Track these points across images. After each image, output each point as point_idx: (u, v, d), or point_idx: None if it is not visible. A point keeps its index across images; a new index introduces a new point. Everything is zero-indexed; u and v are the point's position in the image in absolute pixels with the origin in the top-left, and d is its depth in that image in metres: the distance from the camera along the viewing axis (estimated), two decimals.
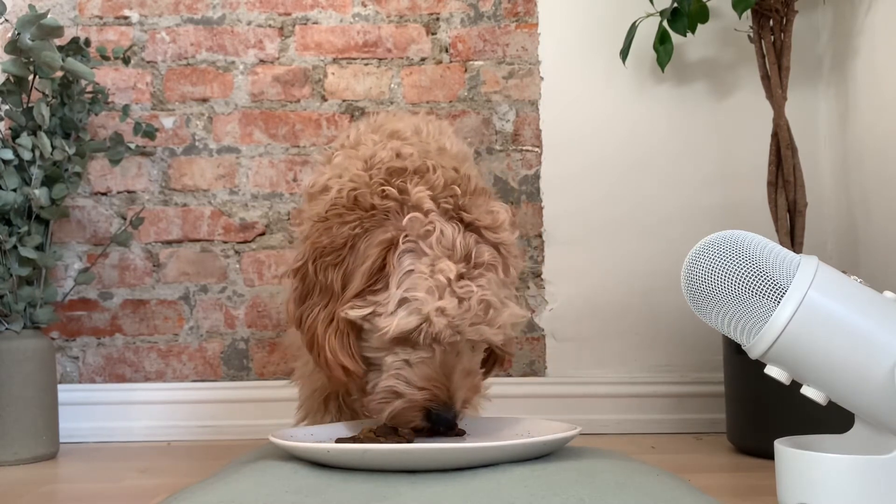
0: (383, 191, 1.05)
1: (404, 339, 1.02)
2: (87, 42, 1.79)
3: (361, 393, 1.10)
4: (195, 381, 1.96)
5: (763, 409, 1.56)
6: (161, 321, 1.96)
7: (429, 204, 1.03)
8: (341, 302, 1.03)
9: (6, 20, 1.75)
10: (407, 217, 1.02)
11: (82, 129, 1.79)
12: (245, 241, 1.98)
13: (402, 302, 1.00)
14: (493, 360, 1.17)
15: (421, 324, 0.99)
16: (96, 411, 1.92)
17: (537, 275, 1.97)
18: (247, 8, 2.00)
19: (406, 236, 1.02)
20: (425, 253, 1.01)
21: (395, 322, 0.99)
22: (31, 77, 1.71)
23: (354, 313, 1.02)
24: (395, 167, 1.09)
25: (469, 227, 1.04)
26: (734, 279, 0.83)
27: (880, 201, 1.74)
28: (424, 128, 1.26)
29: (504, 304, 1.04)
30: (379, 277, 1.02)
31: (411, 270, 1.00)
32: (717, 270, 0.84)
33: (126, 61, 1.87)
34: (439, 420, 1.02)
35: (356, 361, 1.04)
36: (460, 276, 1.00)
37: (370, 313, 1.02)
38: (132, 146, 1.85)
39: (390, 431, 1.05)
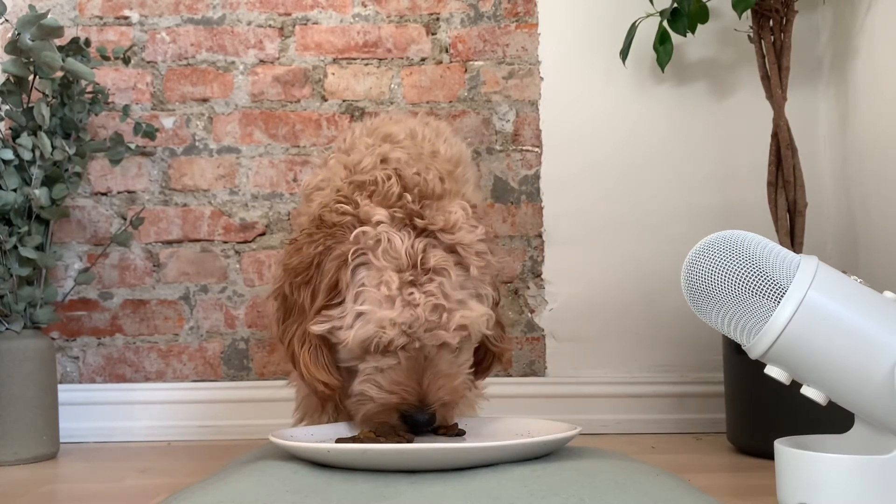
0: (339, 208, 1.10)
1: (370, 348, 1.06)
2: (87, 42, 1.79)
3: (345, 398, 1.14)
4: (195, 381, 1.96)
5: (763, 409, 1.56)
6: (161, 321, 1.97)
7: (378, 216, 1.06)
8: (308, 318, 1.08)
9: (6, 20, 1.75)
10: (355, 231, 1.06)
11: (82, 129, 1.79)
12: (245, 241, 1.98)
13: (358, 315, 1.04)
14: (491, 359, 1.18)
15: (374, 333, 1.03)
16: (96, 411, 1.92)
17: (537, 275, 1.97)
18: (247, 8, 2.00)
19: (356, 250, 1.06)
20: (374, 265, 1.04)
21: (353, 334, 1.04)
22: (31, 77, 1.71)
23: (318, 328, 1.07)
24: (358, 181, 1.13)
25: (422, 232, 1.07)
26: (734, 279, 0.83)
27: (880, 201, 1.74)
28: (420, 131, 1.27)
29: (461, 305, 1.05)
30: (337, 293, 1.06)
31: (363, 283, 1.05)
32: (717, 270, 0.84)
33: (126, 61, 1.87)
34: (413, 421, 1.05)
35: (331, 374, 1.09)
36: (410, 284, 1.03)
37: (331, 327, 1.06)
38: (132, 146, 1.85)
39: (390, 431, 1.05)
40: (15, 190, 1.67)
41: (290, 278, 1.11)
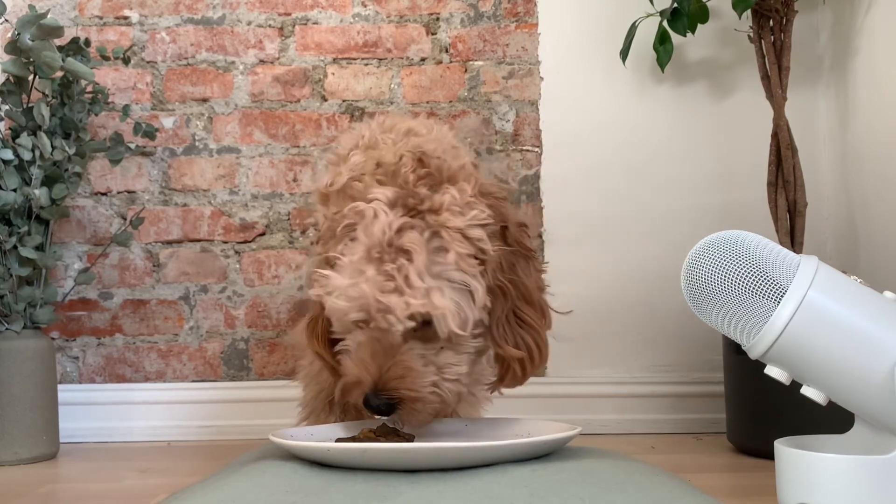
0: (352, 185, 1.09)
1: (352, 325, 1.04)
2: (87, 42, 1.79)
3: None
4: (195, 381, 1.96)
5: (763, 409, 1.56)
6: (161, 321, 1.97)
7: (377, 193, 1.04)
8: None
9: (6, 20, 1.75)
10: (349, 205, 1.05)
11: (82, 129, 1.79)
12: (245, 241, 1.98)
13: (330, 285, 1.03)
14: (504, 367, 1.11)
15: (335, 304, 1.02)
16: (96, 411, 1.92)
17: None
18: (247, 8, 2.00)
19: (346, 224, 1.04)
20: (356, 238, 1.02)
21: (329, 303, 1.02)
22: (31, 77, 1.71)
23: (311, 293, 1.06)
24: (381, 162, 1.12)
25: (411, 211, 1.03)
26: (734, 279, 0.83)
27: (880, 201, 1.74)
28: (434, 128, 1.27)
29: (420, 294, 0.99)
30: (328, 262, 1.06)
31: (342, 254, 1.03)
32: (717, 270, 0.84)
33: (126, 61, 1.87)
34: (367, 400, 1.02)
35: (321, 345, 1.09)
36: (373, 260, 1.00)
37: (320, 295, 1.04)
38: (132, 146, 1.85)
39: (390, 431, 1.05)
40: (15, 190, 1.67)
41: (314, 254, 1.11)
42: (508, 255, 1.06)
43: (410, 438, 1.04)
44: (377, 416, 1.04)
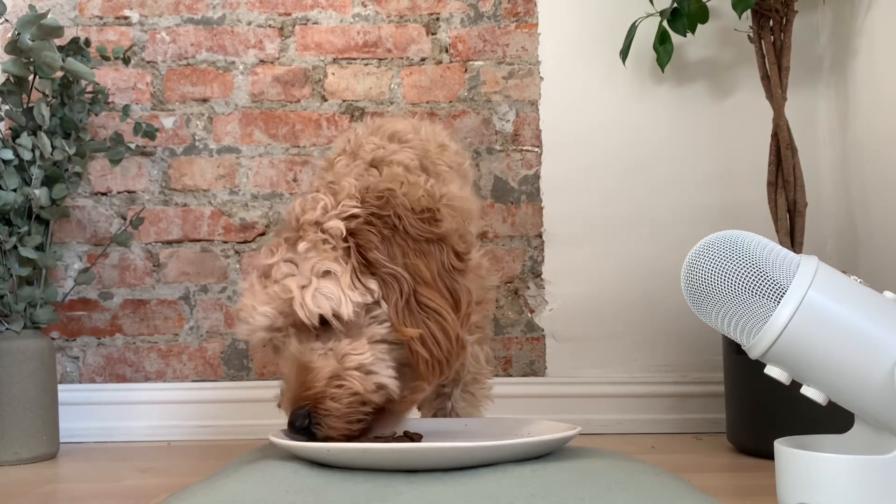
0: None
1: (265, 348, 1.13)
2: (87, 42, 1.79)
3: None
4: (195, 381, 1.96)
5: (763, 409, 1.56)
6: (161, 321, 1.97)
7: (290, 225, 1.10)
8: None
9: (6, 20, 1.75)
10: None
11: (82, 129, 1.79)
12: (245, 241, 1.98)
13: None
14: (416, 358, 1.02)
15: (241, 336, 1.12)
16: (96, 411, 1.92)
17: (537, 275, 1.97)
18: (247, 8, 2.00)
19: None
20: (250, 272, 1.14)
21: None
22: (31, 77, 1.71)
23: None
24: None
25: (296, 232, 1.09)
26: (734, 279, 0.83)
27: (880, 201, 1.74)
28: (423, 128, 1.27)
29: (278, 286, 1.04)
30: None
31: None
32: (716, 270, 0.84)
33: (126, 61, 1.87)
34: (291, 424, 1.00)
35: None
36: (265, 277, 1.07)
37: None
38: (132, 146, 1.85)
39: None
40: (15, 190, 1.67)
41: None
42: (400, 241, 1.03)
43: (418, 438, 1.04)
44: (304, 435, 0.99)
